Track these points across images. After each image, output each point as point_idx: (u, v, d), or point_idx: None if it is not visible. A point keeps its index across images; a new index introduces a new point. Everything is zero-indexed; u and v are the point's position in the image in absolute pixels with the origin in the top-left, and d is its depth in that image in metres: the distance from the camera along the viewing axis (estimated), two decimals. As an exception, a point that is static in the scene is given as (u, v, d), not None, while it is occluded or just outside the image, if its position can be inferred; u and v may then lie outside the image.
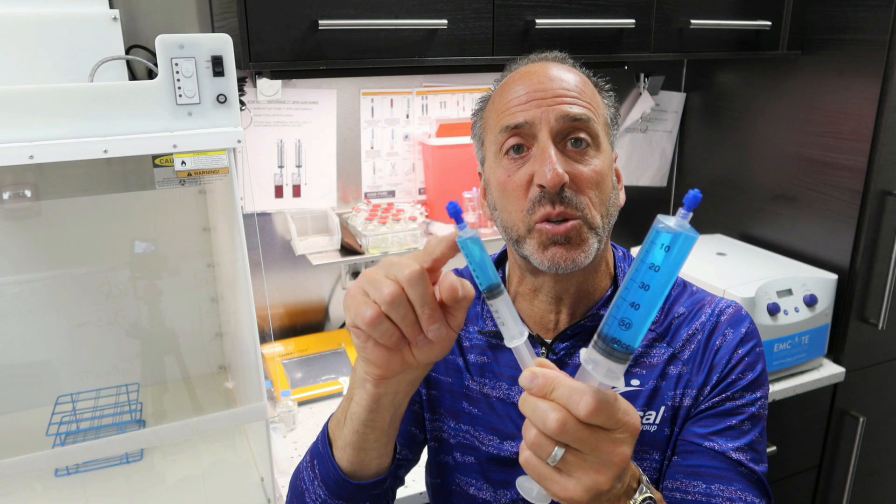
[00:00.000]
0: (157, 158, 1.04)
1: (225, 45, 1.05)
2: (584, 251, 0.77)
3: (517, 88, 0.80)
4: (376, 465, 0.74)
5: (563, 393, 0.53)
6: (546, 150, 0.76)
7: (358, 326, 0.59)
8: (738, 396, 0.81)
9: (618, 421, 0.54)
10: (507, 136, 0.79)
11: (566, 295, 0.84)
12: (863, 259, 1.65)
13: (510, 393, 0.86)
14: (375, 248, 1.63)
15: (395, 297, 0.56)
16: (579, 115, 0.77)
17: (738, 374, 0.82)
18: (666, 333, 0.85)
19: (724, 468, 0.78)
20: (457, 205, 0.58)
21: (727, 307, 0.86)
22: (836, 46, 1.63)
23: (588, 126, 0.78)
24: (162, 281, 1.53)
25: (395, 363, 0.62)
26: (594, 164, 0.78)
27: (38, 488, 1.30)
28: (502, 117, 0.80)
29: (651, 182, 2.18)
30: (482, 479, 0.88)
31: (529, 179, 0.77)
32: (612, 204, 0.82)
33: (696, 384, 0.82)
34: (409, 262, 0.57)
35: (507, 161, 0.80)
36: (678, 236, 0.48)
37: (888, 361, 1.82)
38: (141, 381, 1.54)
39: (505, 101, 0.80)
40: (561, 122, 0.77)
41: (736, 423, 0.80)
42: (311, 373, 1.64)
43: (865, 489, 1.94)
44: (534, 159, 0.77)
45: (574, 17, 1.44)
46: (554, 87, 0.78)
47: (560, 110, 0.77)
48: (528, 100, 0.78)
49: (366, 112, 1.73)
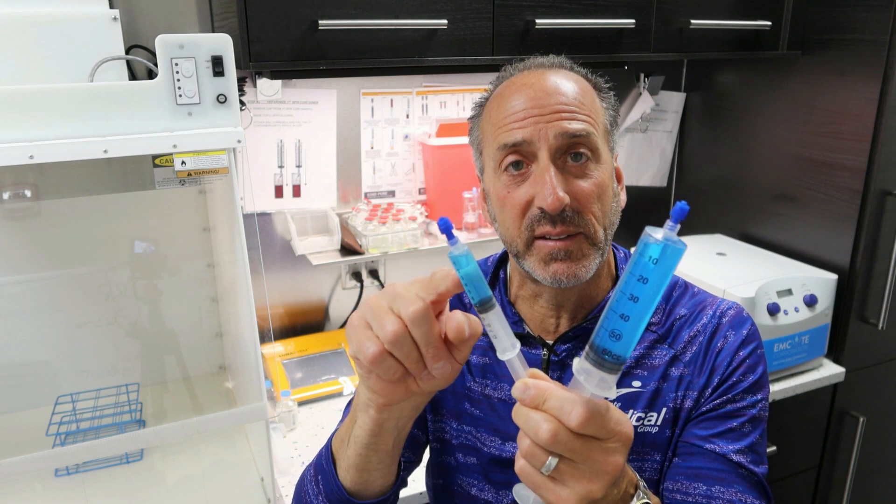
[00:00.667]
0: (157, 158, 1.04)
1: (225, 45, 1.05)
2: (585, 266, 0.77)
3: (515, 103, 0.78)
4: (380, 485, 0.74)
5: (554, 404, 0.54)
6: (546, 172, 0.75)
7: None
8: (739, 399, 0.81)
9: (610, 430, 0.54)
10: (505, 154, 0.78)
11: (567, 302, 0.84)
12: (863, 259, 1.65)
13: (506, 392, 0.86)
14: (375, 248, 1.63)
15: (398, 336, 0.55)
16: (578, 131, 0.76)
17: (739, 376, 0.82)
18: (668, 335, 0.85)
19: (725, 470, 0.78)
20: (447, 221, 0.57)
21: (728, 309, 0.86)
22: (836, 46, 1.63)
23: (588, 141, 0.77)
24: (162, 281, 1.53)
25: (398, 392, 0.61)
26: (595, 178, 0.77)
27: (38, 488, 1.30)
28: (499, 133, 0.78)
29: (651, 182, 2.18)
30: (484, 480, 0.88)
31: (529, 199, 0.77)
32: (614, 213, 0.82)
33: (697, 386, 0.82)
34: (414, 298, 0.56)
35: (507, 177, 0.79)
36: (666, 248, 0.49)
37: (888, 361, 1.82)
38: (141, 381, 1.54)
39: (502, 115, 0.79)
40: (560, 140, 0.76)
41: (737, 425, 0.80)
42: (311, 373, 1.64)
43: (865, 489, 1.94)
44: (534, 179, 0.76)
45: (574, 17, 1.44)
46: (552, 103, 0.76)
47: (559, 127, 0.75)
48: (525, 116, 0.77)
49: (366, 112, 1.73)
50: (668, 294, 0.88)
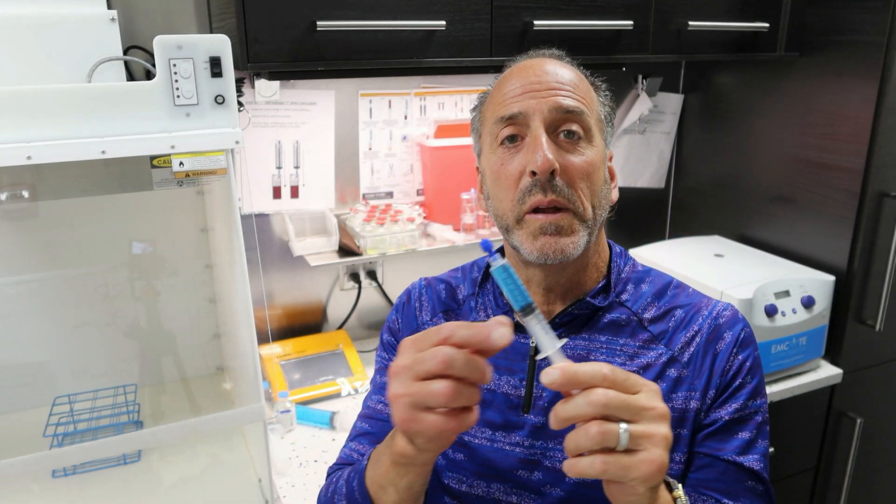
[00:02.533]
0: (155, 159, 1.04)
1: (223, 45, 1.05)
2: (574, 242, 0.79)
3: (513, 82, 0.82)
4: None
5: (585, 375, 0.58)
6: (538, 139, 0.78)
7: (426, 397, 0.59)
8: (746, 406, 0.82)
9: (635, 380, 0.59)
10: (502, 127, 0.81)
11: (557, 287, 0.85)
12: (860, 261, 1.65)
13: (499, 383, 0.86)
14: (373, 249, 1.63)
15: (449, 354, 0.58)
16: (572, 107, 0.79)
17: (741, 380, 0.82)
18: (663, 335, 0.85)
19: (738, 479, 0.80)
20: (489, 242, 0.66)
21: (724, 310, 0.86)
22: (833, 48, 1.64)
23: (581, 118, 0.80)
24: (160, 282, 1.53)
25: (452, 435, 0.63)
26: (586, 156, 0.80)
27: (36, 489, 1.30)
28: (498, 109, 0.82)
29: (649, 184, 2.19)
30: (472, 475, 0.87)
31: (522, 169, 0.79)
32: (604, 197, 0.83)
33: (699, 387, 0.82)
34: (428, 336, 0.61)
35: (502, 150, 0.82)
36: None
37: (885, 363, 1.82)
38: (139, 381, 1.53)
39: (501, 94, 0.83)
40: (554, 114, 0.79)
41: (748, 434, 0.81)
42: (309, 374, 1.63)
43: (863, 490, 1.94)
44: (526, 148, 0.79)
45: (572, 19, 1.44)
46: (549, 80, 0.80)
47: (553, 101, 0.79)
48: (522, 91, 0.80)
49: (364, 113, 1.73)
50: (663, 293, 0.88)
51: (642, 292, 0.88)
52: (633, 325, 0.85)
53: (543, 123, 0.79)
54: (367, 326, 1.89)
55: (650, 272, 0.91)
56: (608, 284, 0.88)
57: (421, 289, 0.98)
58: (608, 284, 0.88)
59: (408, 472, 0.70)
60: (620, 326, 0.85)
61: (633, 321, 0.86)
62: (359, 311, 1.87)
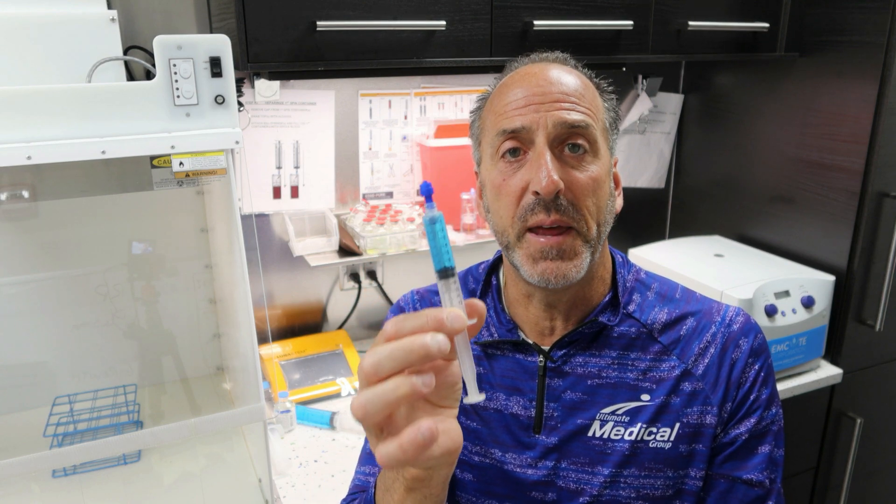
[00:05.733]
0: (155, 159, 1.04)
1: (223, 45, 1.05)
2: (577, 265, 0.76)
3: (516, 91, 0.78)
4: None
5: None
6: (542, 157, 0.74)
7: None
8: (763, 418, 0.82)
9: None
10: (503, 140, 0.77)
11: (560, 303, 0.83)
12: (860, 261, 1.65)
13: (507, 404, 0.85)
14: (373, 249, 1.63)
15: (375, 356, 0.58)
16: (578, 121, 0.75)
17: (758, 392, 0.82)
18: (675, 345, 0.83)
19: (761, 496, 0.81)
20: (429, 185, 0.60)
21: (736, 316, 0.85)
22: (833, 48, 1.64)
23: (586, 132, 0.76)
24: (160, 282, 1.53)
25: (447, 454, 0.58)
26: (591, 171, 0.76)
27: (36, 490, 1.30)
28: (500, 120, 0.78)
29: (649, 184, 2.19)
30: (483, 495, 0.86)
31: (525, 186, 0.76)
32: (609, 211, 0.80)
33: (715, 401, 0.81)
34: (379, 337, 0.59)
35: (504, 164, 0.78)
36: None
37: (885, 363, 1.82)
38: (139, 382, 1.53)
39: (503, 103, 0.79)
40: (558, 128, 0.75)
41: (767, 448, 0.81)
42: (309, 374, 1.63)
43: (863, 490, 1.94)
44: (529, 164, 0.76)
45: (572, 19, 1.44)
46: (553, 91, 0.76)
47: (558, 116, 0.75)
48: (526, 104, 0.76)
49: (364, 113, 1.73)
50: (670, 300, 0.86)
51: (649, 301, 0.85)
52: (643, 337, 0.83)
53: (547, 139, 0.75)
54: (367, 326, 1.89)
55: (655, 279, 0.89)
56: (615, 297, 0.85)
57: (414, 303, 0.96)
58: (615, 297, 0.85)
59: (425, 498, 0.65)
60: (631, 339, 0.83)
61: (643, 333, 0.83)
62: (359, 312, 1.87)
